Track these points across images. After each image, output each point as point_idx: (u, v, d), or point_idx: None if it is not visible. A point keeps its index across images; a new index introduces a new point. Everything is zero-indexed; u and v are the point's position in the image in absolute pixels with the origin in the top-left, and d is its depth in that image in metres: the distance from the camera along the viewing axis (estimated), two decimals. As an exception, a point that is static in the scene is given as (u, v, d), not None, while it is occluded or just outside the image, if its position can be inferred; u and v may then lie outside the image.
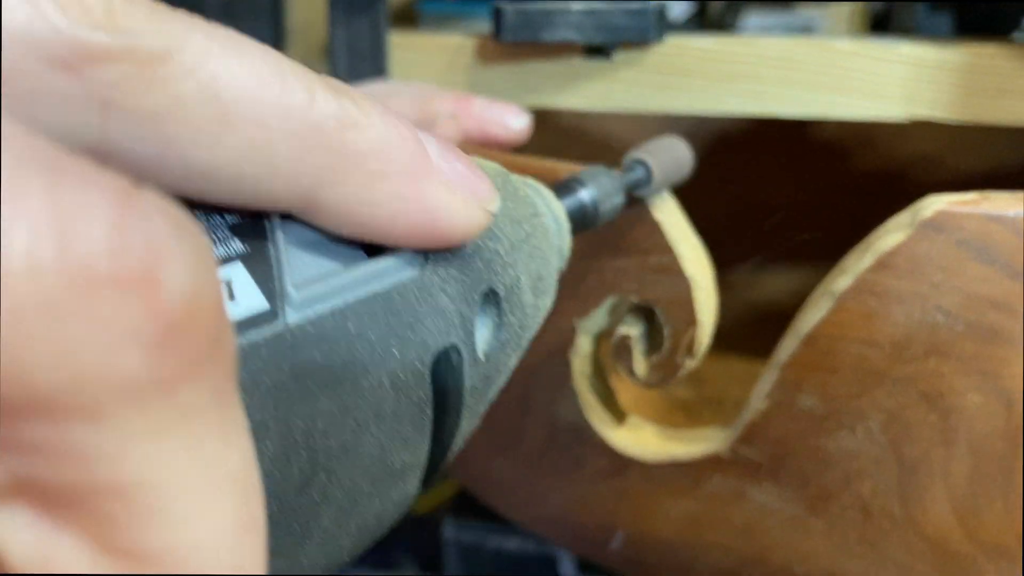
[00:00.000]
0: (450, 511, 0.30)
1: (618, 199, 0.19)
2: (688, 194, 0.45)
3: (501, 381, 0.14)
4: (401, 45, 0.32)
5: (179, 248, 0.07)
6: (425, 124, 0.25)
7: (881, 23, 0.38)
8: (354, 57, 0.32)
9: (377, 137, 0.11)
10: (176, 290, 0.07)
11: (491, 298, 0.13)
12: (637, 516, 0.23)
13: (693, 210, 0.45)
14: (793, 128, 0.45)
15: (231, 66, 0.10)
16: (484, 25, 0.32)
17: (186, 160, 0.10)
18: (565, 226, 0.17)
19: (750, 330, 0.44)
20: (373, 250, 0.12)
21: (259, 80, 0.10)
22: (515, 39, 0.30)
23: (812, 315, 0.20)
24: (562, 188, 0.18)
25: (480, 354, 0.13)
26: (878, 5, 0.38)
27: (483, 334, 0.13)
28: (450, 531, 0.29)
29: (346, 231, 0.11)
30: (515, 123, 0.27)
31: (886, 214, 0.44)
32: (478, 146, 0.26)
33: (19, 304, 0.06)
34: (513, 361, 0.15)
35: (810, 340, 0.20)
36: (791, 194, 0.45)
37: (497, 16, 0.30)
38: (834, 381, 0.20)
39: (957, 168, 0.41)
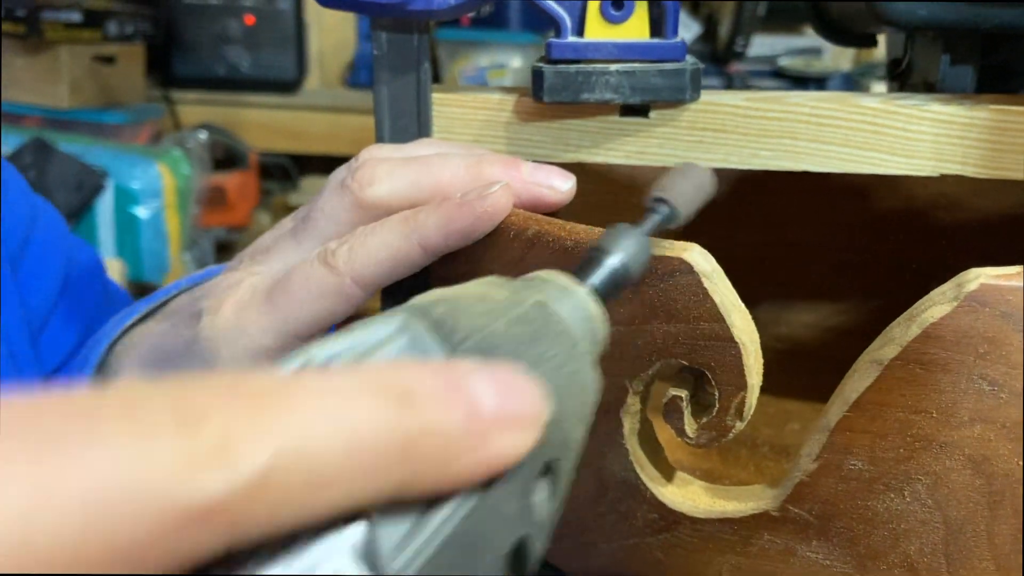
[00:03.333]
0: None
1: (645, 255, 0.19)
2: (716, 232, 0.46)
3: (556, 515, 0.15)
4: (442, 101, 0.33)
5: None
6: (476, 189, 0.25)
7: (902, 72, 0.39)
8: (398, 116, 0.33)
9: (440, 428, 0.12)
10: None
11: (547, 469, 0.14)
12: (687, 570, 0.24)
13: (720, 248, 0.46)
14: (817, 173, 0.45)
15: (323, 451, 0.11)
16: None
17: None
18: (599, 318, 0.18)
19: (780, 367, 0.45)
20: None
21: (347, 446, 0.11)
22: (555, 100, 0.31)
23: (859, 382, 0.21)
24: (589, 263, 0.19)
25: (543, 518, 0.14)
26: (898, 54, 0.39)
27: (541, 500, 0.14)
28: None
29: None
30: (563, 185, 0.28)
31: (910, 252, 0.45)
32: (527, 208, 0.26)
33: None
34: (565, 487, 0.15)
35: (858, 406, 0.21)
36: (817, 232, 0.45)
37: (537, 77, 0.31)
38: (882, 445, 0.21)
39: (980, 208, 0.42)
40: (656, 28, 0.32)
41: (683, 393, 0.23)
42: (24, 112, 1.03)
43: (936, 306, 0.20)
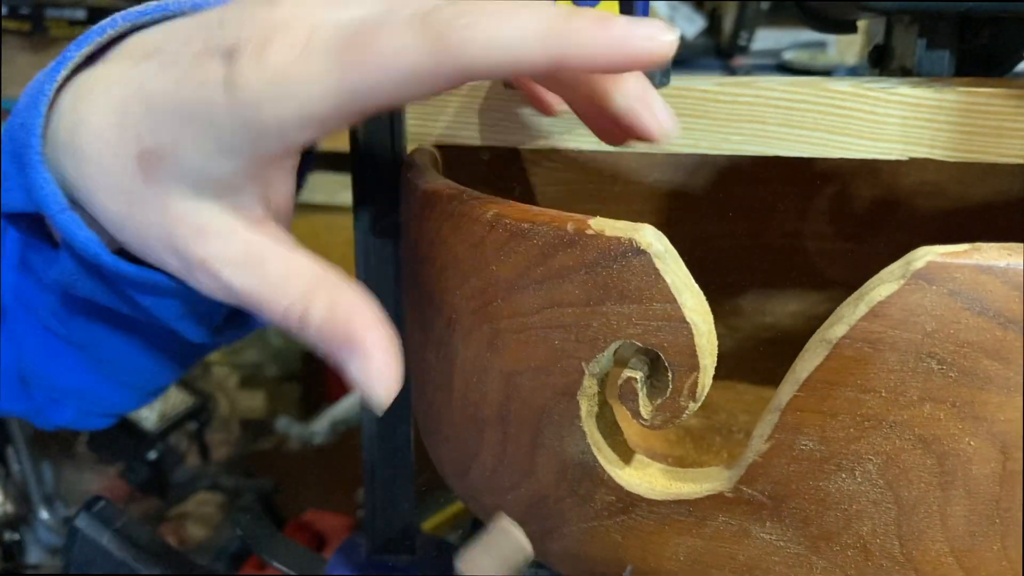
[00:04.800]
0: (467, 538, 0.30)
1: None
2: (700, 221, 0.45)
3: None
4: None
5: None
6: (636, 24, 0.20)
7: (881, 58, 0.39)
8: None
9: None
10: None
11: None
12: (645, 552, 0.24)
13: (704, 238, 0.46)
14: (798, 158, 0.45)
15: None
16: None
17: None
18: None
19: (758, 356, 0.44)
20: None
21: None
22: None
23: (809, 361, 0.21)
24: None
25: None
26: (878, 40, 0.39)
27: None
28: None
29: None
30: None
31: (890, 240, 0.45)
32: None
33: None
34: None
35: (808, 385, 0.21)
36: (802, 221, 0.45)
37: (507, 62, 0.31)
38: (832, 425, 0.21)
39: (959, 196, 0.42)
40: (626, 14, 0.31)
41: (638, 375, 0.23)
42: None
43: (884, 284, 0.20)
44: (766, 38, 1.27)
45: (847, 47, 1.28)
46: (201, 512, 1.24)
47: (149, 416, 1.12)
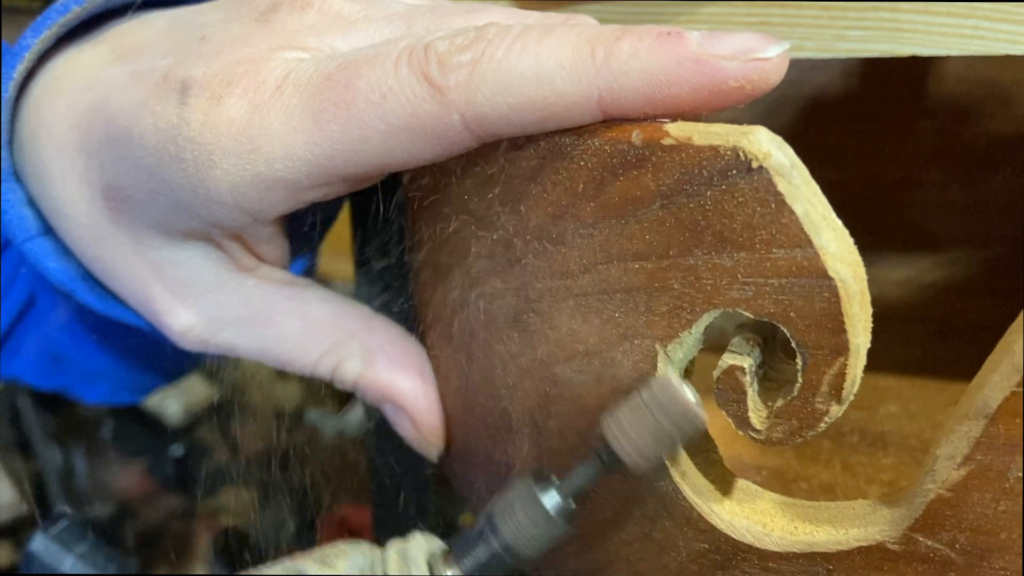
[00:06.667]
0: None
1: (549, 527, 0.16)
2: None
3: None
4: None
5: None
6: (722, 41, 0.15)
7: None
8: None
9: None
10: None
11: None
12: (754, 625, 0.16)
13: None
14: (908, 86, 0.37)
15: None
16: None
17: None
18: None
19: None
20: None
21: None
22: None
23: (1042, 336, 0.13)
24: (472, 540, 0.16)
25: None
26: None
27: None
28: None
29: None
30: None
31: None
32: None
33: None
34: None
35: (1040, 376, 0.13)
36: (909, 167, 0.37)
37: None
38: (1082, 440, 0.13)
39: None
40: None
41: (745, 362, 0.15)
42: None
43: None
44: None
45: None
46: (233, 506, 1.21)
47: (173, 410, 1.07)
